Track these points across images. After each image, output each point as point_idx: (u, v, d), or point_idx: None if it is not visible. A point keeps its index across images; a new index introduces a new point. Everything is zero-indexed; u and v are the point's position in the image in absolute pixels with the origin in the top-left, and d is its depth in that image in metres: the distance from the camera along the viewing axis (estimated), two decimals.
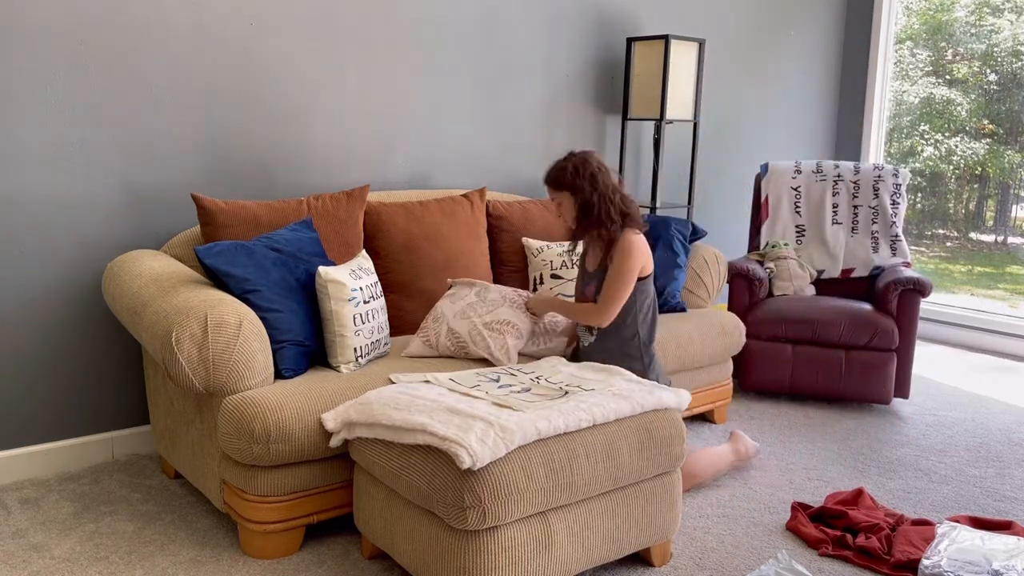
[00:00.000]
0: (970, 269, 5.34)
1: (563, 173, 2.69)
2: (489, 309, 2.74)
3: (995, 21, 5.03)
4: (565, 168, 2.70)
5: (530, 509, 1.96)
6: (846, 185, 4.21)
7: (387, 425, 2.07)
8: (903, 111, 5.39)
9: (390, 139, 3.48)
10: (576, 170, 2.68)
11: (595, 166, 2.70)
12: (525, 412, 2.06)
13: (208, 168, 3.03)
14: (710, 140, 4.74)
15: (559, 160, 2.75)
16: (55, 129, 2.72)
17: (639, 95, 4.07)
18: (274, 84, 3.13)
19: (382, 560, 2.32)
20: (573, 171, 2.68)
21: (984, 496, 2.85)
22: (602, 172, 2.70)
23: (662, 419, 2.25)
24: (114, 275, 2.63)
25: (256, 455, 2.18)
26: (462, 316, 2.74)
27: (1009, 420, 3.63)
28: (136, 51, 2.83)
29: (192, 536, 2.42)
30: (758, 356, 3.73)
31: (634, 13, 4.23)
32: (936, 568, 2.17)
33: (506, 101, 3.82)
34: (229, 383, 2.24)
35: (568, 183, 2.69)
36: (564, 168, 2.70)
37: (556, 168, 2.73)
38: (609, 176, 2.71)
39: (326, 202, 2.93)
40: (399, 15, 3.42)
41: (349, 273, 2.53)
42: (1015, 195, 5.12)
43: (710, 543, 2.46)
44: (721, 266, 3.66)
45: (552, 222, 3.49)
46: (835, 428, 3.47)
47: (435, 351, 2.72)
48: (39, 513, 2.54)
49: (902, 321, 3.64)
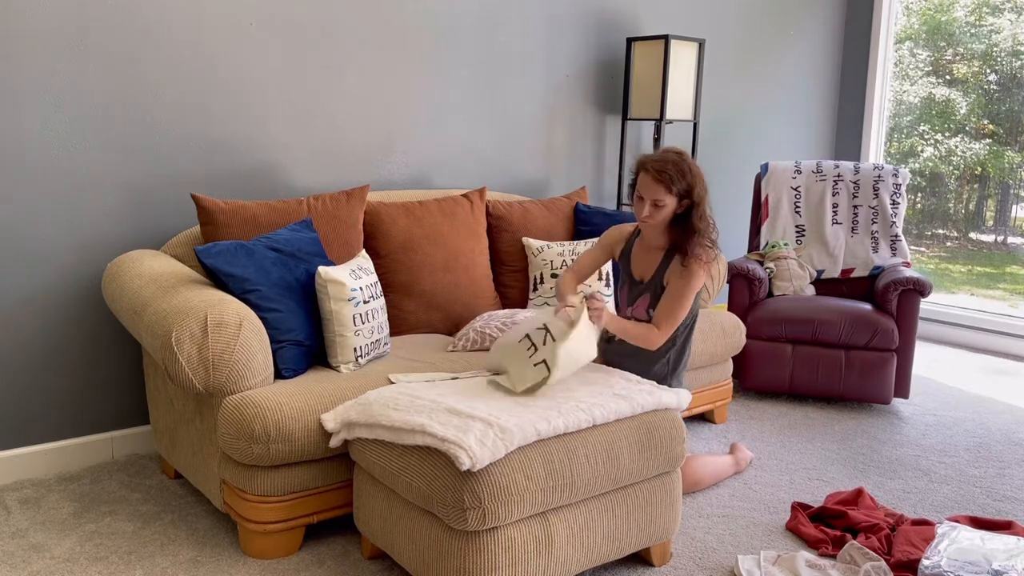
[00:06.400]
0: (970, 269, 5.34)
1: (684, 178, 2.38)
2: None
3: (995, 21, 5.02)
4: (684, 172, 2.38)
5: (530, 509, 1.96)
6: (846, 185, 4.21)
7: (387, 426, 2.07)
8: (903, 111, 5.39)
9: (390, 139, 3.48)
10: (696, 178, 2.39)
11: (702, 175, 2.42)
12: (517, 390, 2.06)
13: (208, 168, 3.03)
14: (710, 140, 4.74)
15: (673, 156, 2.42)
16: (55, 129, 2.72)
17: (639, 95, 4.07)
18: (274, 84, 3.13)
19: (382, 560, 2.32)
20: (693, 178, 2.39)
21: (984, 496, 2.85)
22: (706, 186, 2.43)
23: (662, 419, 2.25)
24: (114, 275, 2.63)
25: (256, 455, 2.18)
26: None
27: (1009, 420, 3.63)
28: (136, 51, 2.83)
29: (192, 536, 2.42)
30: (758, 356, 3.72)
31: (634, 13, 4.23)
32: (936, 568, 2.17)
33: (506, 101, 3.82)
34: (229, 383, 2.24)
35: (685, 191, 2.39)
36: (684, 171, 2.38)
37: (674, 167, 2.39)
38: (707, 189, 2.45)
39: (326, 202, 2.93)
40: (400, 15, 3.42)
41: (349, 273, 2.53)
42: (1015, 195, 5.12)
43: (710, 543, 2.46)
44: (721, 266, 3.65)
45: (552, 222, 3.49)
46: (835, 428, 3.47)
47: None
48: (39, 513, 2.54)
49: (902, 321, 3.64)
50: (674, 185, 2.39)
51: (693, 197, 2.42)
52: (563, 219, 3.54)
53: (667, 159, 2.41)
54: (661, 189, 2.39)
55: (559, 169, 4.07)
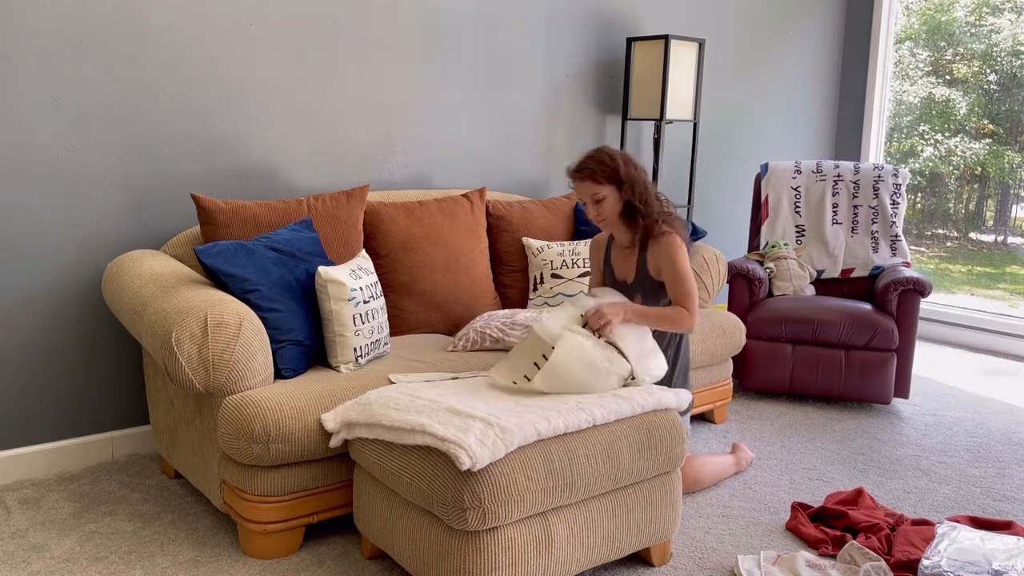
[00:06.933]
0: (970, 269, 5.34)
1: (605, 165, 2.43)
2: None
3: (995, 21, 5.02)
4: (604, 160, 2.43)
5: (530, 510, 1.96)
6: (846, 185, 4.21)
7: (387, 426, 2.07)
8: (903, 111, 5.39)
9: (390, 139, 3.48)
10: (618, 161, 2.43)
11: (632, 159, 2.46)
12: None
13: (208, 168, 3.03)
14: (710, 140, 4.74)
15: (591, 152, 2.48)
16: (55, 129, 2.72)
17: (639, 95, 4.07)
18: (274, 84, 3.13)
19: (382, 560, 2.32)
20: (614, 162, 2.43)
21: (984, 496, 2.85)
22: (639, 168, 2.47)
23: (662, 419, 2.25)
24: (114, 275, 2.63)
25: (256, 455, 2.18)
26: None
27: (1009, 420, 3.63)
28: (136, 51, 2.83)
29: (192, 536, 2.42)
30: (758, 356, 3.72)
31: (634, 13, 4.23)
32: (936, 568, 2.17)
33: (506, 101, 3.82)
34: (229, 383, 2.24)
35: (611, 175, 2.42)
36: (604, 160, 2.43)
37: (593, 159, 2.45)
38: (644, 172, 2.50)
39: (326, 202, 2.93)
40: (400, 15, 3.42)
41: (349, 273, 2.53)
42: (1015, 195, 5.12)
43: (710, 543, 2.46)
44: (721, 266, 3.65)
45: (552, 222, 3.49)
46: (835, 428, 3.47)
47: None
48: (39, 513, 2.54)
49: (902, 321, 3.64)
50: (598, 174, 2.44)
51: (622, 178, 2.44)
52: (563, 219, 3.55)
53: (584, 156, 2.49)
54: (588, 184, 2.45)
55: (559, 169, 4.07)
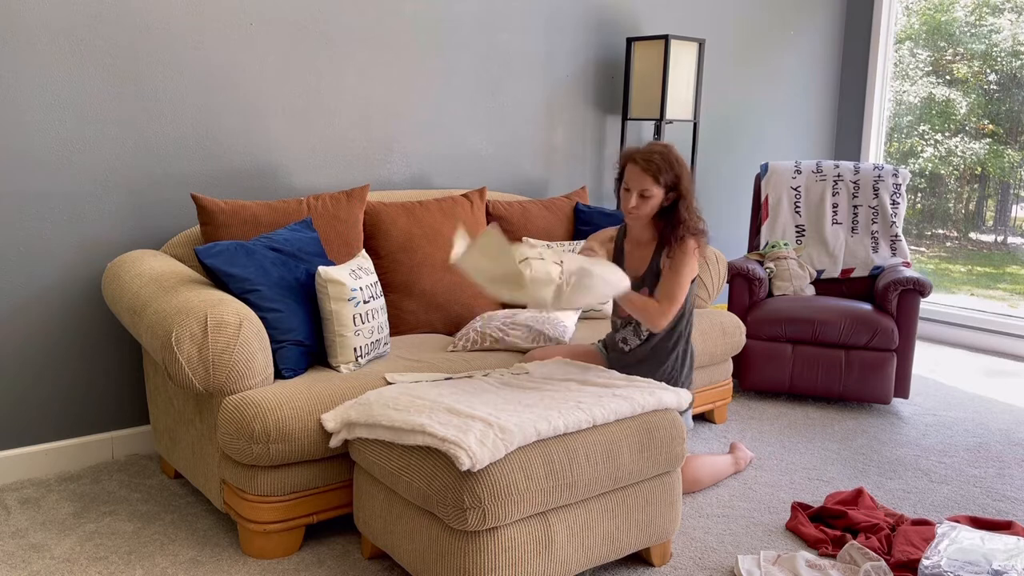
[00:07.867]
0: (970, 269, 5.34)
1: (671, 169, 2.39)
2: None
3: (995, 21, 5.02)
4: (672, 163, 2.39)
5: (530, 510, 1.96)
6: (846, 185, 4.21)
7: (387, 426, 2.07)
8: (903, 111, 5.39)
9: (390, 139, 3.48)
10: (682, 170, 2.39)
11: (688, 169, 2.43)
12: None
13: (208, 168, 3.03)
14: (710, 140, 4.74)
15: (660, 148, 2.43)
16: (55, 128, 2.72)
17: (639, 95, 4.07)
18: (274, 84, 3.13)
19: (382, 560, 2.32)
20: (680, 169, 2.39)
21: (984, 496, 2.85)
22: (693, 180, 2.43)
23: (662, 419, 2.25)
24: (114, 275, 2.63)
25: (256, 455, 2.18)
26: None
27: (1009, 420, 3.63)
28: (136, 51, 2.83)
29: (192, 536, 2.42)
30: (758, 356, 3.72)
31: (634, 13, 4.23)
32: (936, 568, 2.17)
33: (506, 101, 3.82)
34: (229, 383, 2.24)
35: (672, 182, 2.41)
36: (671, 162, 2.39)
37: (662, 157, 2.40)
38: (694, 183, 2.46)
39: (326, 202, 2.93)
40: (400, 15, 3.42)
41: (349, 273, 2.53)
42: (1015, 195, 5.12)
43: (710, 543, 2.46)
44: (721, 266, 3.65)
45: (552, 222, 3.49)
46: (835, 428, 3.47)
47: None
48: (39, 513, 2.54)
49: (902, 321, 3.64)
50: (662, 176, 2.41)
51: (680, 190, 2.44)
52: (563, 219, 3.55)
53: (654, 150, 2.43)
54: (648, 179, 2.42)
55: (559, 169, 4.07)
